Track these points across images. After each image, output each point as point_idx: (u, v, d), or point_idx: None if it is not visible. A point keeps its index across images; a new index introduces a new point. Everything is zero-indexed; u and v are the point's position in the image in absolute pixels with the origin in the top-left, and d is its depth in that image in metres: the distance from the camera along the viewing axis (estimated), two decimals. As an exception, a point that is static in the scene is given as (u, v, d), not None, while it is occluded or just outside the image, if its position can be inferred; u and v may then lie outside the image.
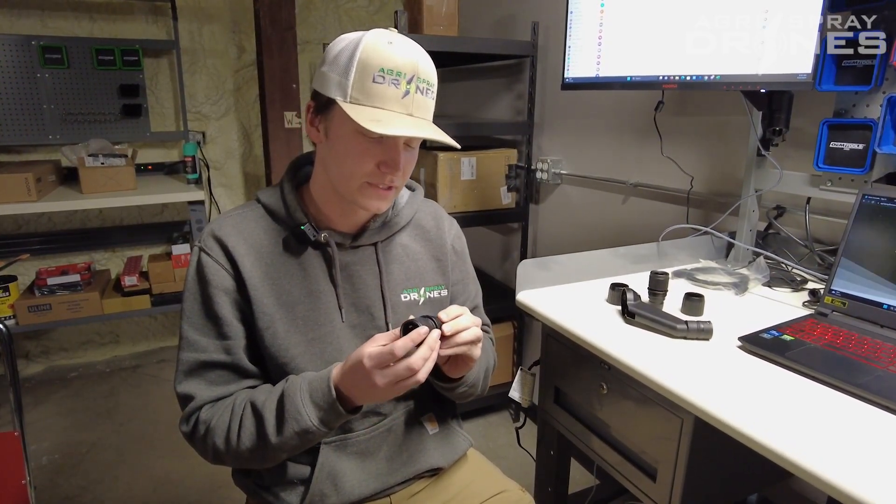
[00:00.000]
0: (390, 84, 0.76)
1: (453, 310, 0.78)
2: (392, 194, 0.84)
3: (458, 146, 0.83)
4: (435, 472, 1.01)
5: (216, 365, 0.83)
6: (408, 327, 0.73)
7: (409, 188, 1.01)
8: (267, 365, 0.86)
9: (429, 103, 0.81)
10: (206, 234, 0.85)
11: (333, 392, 0.76)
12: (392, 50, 0.76)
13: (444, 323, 0.76)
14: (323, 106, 0.81)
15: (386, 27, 0.82)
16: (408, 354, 0.71)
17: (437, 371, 0.87)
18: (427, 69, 0.79)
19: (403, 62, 0.76)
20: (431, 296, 0.97)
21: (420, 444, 0.98)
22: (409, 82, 0.77)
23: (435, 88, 0.82)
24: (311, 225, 0.86)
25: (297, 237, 0.87)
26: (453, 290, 1.01)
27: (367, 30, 0.79)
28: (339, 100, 0.77)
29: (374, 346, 0.73)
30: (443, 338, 0.75)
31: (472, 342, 0.78)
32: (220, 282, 0.82)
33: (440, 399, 1.01)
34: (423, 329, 0.72)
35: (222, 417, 0.80)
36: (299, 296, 0.86)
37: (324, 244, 0.87)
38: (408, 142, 0.82)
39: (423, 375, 0.72)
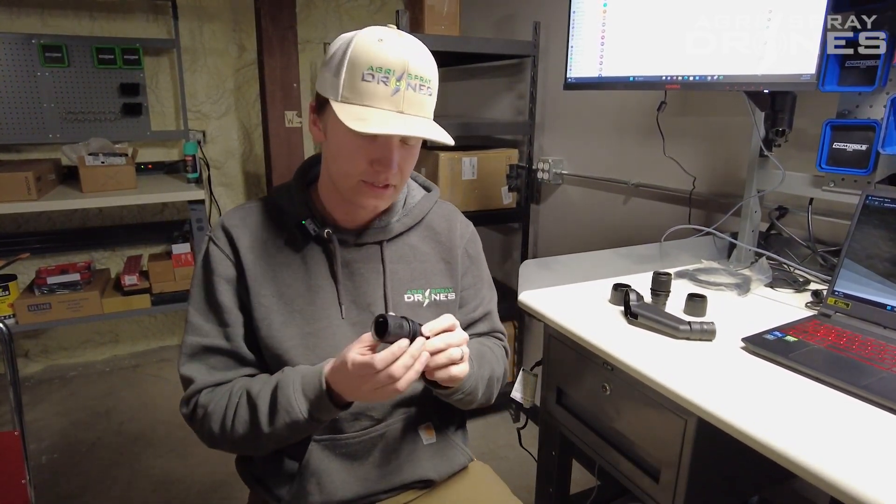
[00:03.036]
0: (379, 82, 0.75)
1: (442, 322, 0.76)
2: (390, 193, 0.84)
3: (453, 142, 0.80)
4: (427, 485, 0.98)
5: (217, 350, 0.85)
6: (378, 321, 0.71)
7: (426, 188, 1.01)
8: (263, 355, 0.87)
9: (423, 100, 0.79)
10: (217, 224, 0.89)
11: (324, 386, 0.77)
12: (381, 47, 0.76)
13: (421, 328, 0.74)
14: (321, 105, 0.82)
15: (385, 24, 0.81)
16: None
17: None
18: (420, 65, 0.78)
19: (393, 59, 0.75)
20: (437, 298, 0.95)
21: (413, 453, 0.96)
22: (398, 79, 0.76)
23: (432, 85, 0.80)
24: (312, 220, 0.87)
25: (301, 232, 0.88)
26: (464, 294, 0.99)
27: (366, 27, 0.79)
28: (331, 99, 0.78)
29: (360, 346, 0.72)
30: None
31: (447, 365, 0.75)
32: (224, 271, 0.86)
33: (443, 408, 0.98)
34: (403, 342, 0.71)
35: (219, 403, 0.82)
36: (299, 290, 0.87)
37: (326, 240, 0.88)
38: (404, 139, 0.80)
39: (403, 385, 0.71)
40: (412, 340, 0.72)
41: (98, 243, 2.82)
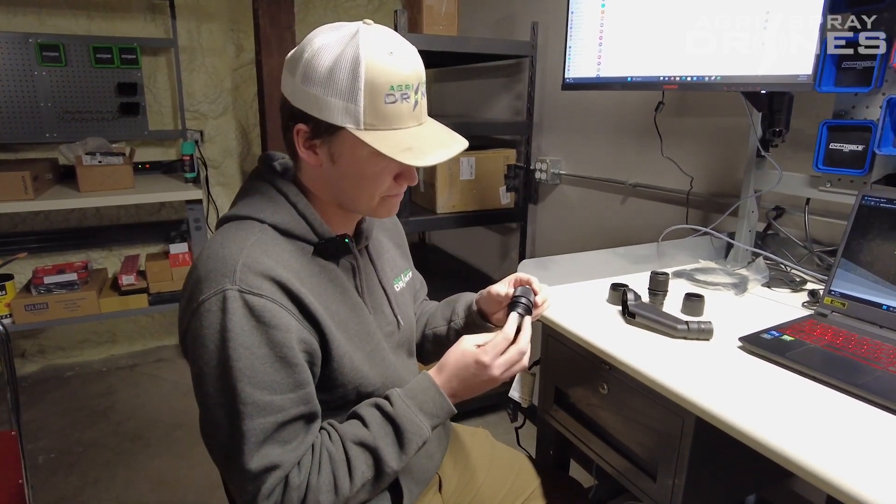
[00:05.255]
0: (401, 100, 0.71)
1: (537, 284, 0.92)
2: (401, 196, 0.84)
3: (467, 143, 0.79)
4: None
5: (292, 421, 0.72)
6: (513, 303, 0.88)
7: None
8: (336, 394, 0.80)
9: (426, 102, 0.78)
10: (242, 272, 0.69)
11: (444, 396, 0.80)
12: (395, 62, 0.70)
13: (536, 296, 0.91)
14: (323, 131, 0.73)
15: (362, 20, 0.75)
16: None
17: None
18: (424, 69, 0.75)
19: (410, 73, 0.71)
20: (407, 280, 1.01)
21: None
22: (416, 92, 0.73)
23: None
24: (351, 236, 0.83)
25: (320, 253, 0.80)
26: (411, 270, 1.06)
27: (348, 27, 0.73)
28: (350, 128, 0.71)
29: (472, 344, 0.81)
30: (535, 306, 0.90)
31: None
32: (287, 323, 0.70)
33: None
34: (514, 316, 0.84)
35: (323, 471, 0.73)
36: (346, 313, 0.81)
37: (343, 254, 0.84)
38: None
39: (527, 359, 0.81)
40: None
41: (95, 243, 2.81)
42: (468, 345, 0.81)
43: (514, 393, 1.25)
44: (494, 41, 2.38)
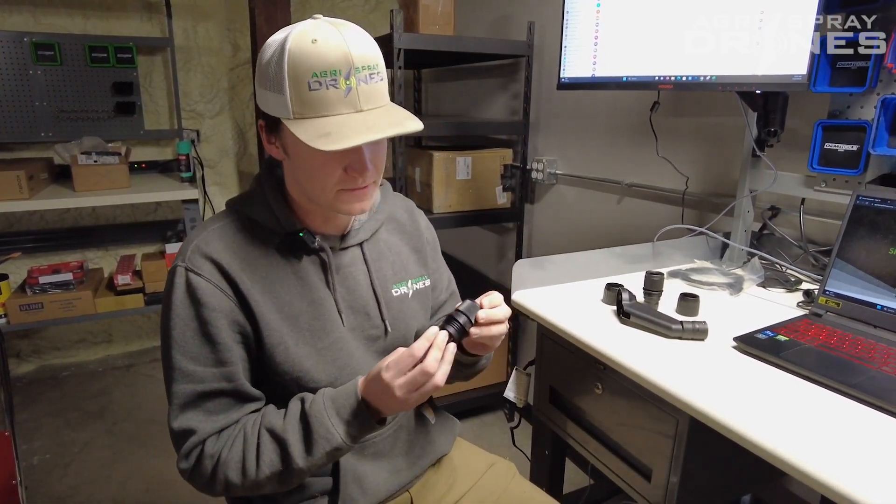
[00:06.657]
0: (328, 87, 0.70)
1: (494, 299, 0.81)
2: (370, 192, 0.81)
3: (421, 126, 0.75)
4: (440, 458, 1.03)
5: (216, 394, 0.77)
6: (450, 320, 0.76)
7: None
8: (274, 382, 0.82)
9: (377, 88, 0.74)
10: (192, 252, 0.78)
11: (362, 404, 0.75)
12: (318, 49, 0.70)
13: (480, 313, 0.79)
14: (274, 125, 0.76)
15: (313, 16, 0.75)
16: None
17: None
18: (363, 54, 0.72)
19: (336, 59, 0.70)
20: (418, 287, 0.98)
21: (427, 435, 0.99)
22: (347, 78, 0.71)
23: (380, 68, 0.75)
24: (309, 231, 0.83)
25: (288, 246, 0.83)
26: (432, 278, 1.02)
27: (297, 25, 0.73)
28: (283, 118, 0.73)
29: (389, 357, 0.74)
30: (477, 324, 0.79)
31: (499, 336, 0.81)
32: (217, 303, 0.76)
33: None
34: (432, 330, 0.74)
35: (234, 448, 0.76)
36: (301, 306, 0.82)
37: (316, 250, 0.84)
38: None
39: (440, 378, 0.72)
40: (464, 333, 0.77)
41: (91, 242, 2.80)
42: (387, 358, 0.74)
43: (510, 393, 1.25)
44: (491, 41, 2.38)
